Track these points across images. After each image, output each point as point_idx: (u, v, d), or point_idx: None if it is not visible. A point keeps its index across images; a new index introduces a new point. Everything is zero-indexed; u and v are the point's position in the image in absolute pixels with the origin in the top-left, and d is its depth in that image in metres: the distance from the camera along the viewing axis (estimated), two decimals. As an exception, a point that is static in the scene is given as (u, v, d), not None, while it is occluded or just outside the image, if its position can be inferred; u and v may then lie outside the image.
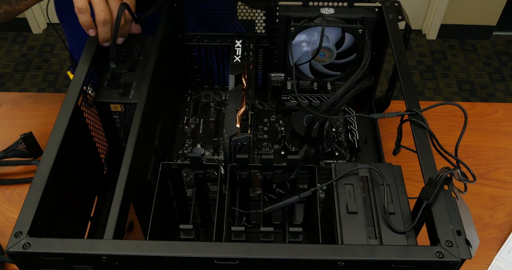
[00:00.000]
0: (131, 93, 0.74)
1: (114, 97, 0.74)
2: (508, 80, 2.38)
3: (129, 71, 0.77)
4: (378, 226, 0.57)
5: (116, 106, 0.74)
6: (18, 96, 1.07)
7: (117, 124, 0.77)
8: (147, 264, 0.53)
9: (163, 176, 0.69)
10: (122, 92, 0.74)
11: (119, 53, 0.79)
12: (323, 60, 0.90)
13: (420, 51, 2.52)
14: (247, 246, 0.51)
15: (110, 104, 0.74)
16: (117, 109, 0.74)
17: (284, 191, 0.71)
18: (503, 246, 0.83)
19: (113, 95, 0.74)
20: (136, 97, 0.73)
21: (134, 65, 0.78)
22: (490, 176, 0.93)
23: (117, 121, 0.76)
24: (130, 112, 0.74)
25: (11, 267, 0.80)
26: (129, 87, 0.75)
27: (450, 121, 1.01)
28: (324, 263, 0.52)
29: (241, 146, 0.69)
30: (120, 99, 0.73)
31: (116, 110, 0.74)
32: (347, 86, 0.73)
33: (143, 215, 0.70)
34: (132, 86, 0.75)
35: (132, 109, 0.74)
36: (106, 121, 0.77)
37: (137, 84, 0.75)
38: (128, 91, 0.74)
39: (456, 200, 0.57)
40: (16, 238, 0.52)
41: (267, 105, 0.97)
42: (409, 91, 0.70)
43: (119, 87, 0.75)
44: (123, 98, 0.73)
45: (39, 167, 0.59)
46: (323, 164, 0.88)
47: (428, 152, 0.62)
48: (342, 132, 0.93)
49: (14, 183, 0.91)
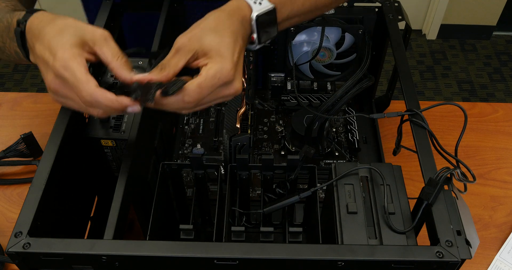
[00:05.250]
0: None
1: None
2: (508, 80, 2.38)
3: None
4: (378, 226, 0.57)
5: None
6: (18, 96, 1.07)
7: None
8: (147, 264, 0.53)
9: (163, 176, 0.69)
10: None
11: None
12: (323, 60, 0.90)
13: (420, 51, 2.52)
14: (247, 246, 0.51)
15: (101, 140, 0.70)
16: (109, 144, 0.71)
17: (284, 191, 0.71)
18: (503, 246, 0.83)
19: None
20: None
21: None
22: (490, 176, 0.93)
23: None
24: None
25: (11, 267, 0.80)
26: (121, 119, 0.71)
27: (450, 121, 1.01)
28: (324, 263, 0.52)
29: (241, 146, 0.69)
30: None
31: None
32: (347, 86, 0.73)
33: (143, 215, 0.70)
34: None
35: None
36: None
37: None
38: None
39: (456, 200, 0.57)
40: (16, 238, 0.52)
41: (267, 105, 0.97)
42: (409, 91, 0.70)
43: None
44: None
45: (39, 167, 0.58)
46: (323, 164, 0.88)
47: (428, 152, 0.62)
48: (342, 132, 0.93)
49: (14, 183, 0.91)
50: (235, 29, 0.57)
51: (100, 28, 0.55)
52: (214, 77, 0.53)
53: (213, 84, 0.53)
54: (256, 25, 0.59)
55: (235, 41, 0.56)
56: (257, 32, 0.60)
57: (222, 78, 0.53)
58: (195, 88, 0.52)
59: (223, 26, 0.56)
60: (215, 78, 0.53)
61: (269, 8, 0.60)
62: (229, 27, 0.56)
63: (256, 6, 0.59)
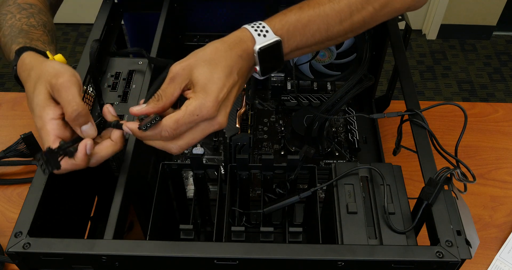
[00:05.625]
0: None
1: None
2: (508, 80, 2.38)
3: (121, 102, 0.70)
4: (378, 226, 0.57)
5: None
6: (18, 96, 1.07)
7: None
8: (147, 264, 0.53)
9: (163, 176, 0.69)
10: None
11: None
12: (323, 60, 0.90)
13: (420, 51, 2.52)
14: (247, 246, 0.51)
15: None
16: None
17: (284, 191, 0.71)
18: (503, 246, 0.83)
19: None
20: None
21: (126, 96, 0.71)
22: (490, 176, 0.93)
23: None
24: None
25: (11, 267, 0.80)
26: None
27: (450, 121, 1.01)
28: (324, 263, 0.52)
29: (241, 146, 0.69)
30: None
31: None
32: (347, 86, 0.73)
33: (143, 215, 0.70)
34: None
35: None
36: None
37: (128, 117, 0.69)
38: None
39: (456, 200, 0.57)
40: (16, 238, 0.52)
41: (267, 105, 0.97)
42: (409, 91, 0.70)
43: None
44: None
45: (39, 167, 0.58)
46: (323, 164, 0.88)
47: (428, 152, 0.62)
48: (342, 132, 0.93)
49: (14, 183, 0.91)
50: (231, 63, 0.55)
51: (60, 75, 0.54)
52: (192, 114, 0.52)
53: (191, 120, 0.52)
54: (258, 58, 0.58)
55: (227, 76, 0.54)
56: (260, 65, 0.58)
57: (201, 114, 0.52)
58: (172, 123, 0.52)
59: (219, 59, 0.55)
60: (193, 115, 0.52)
61: (274, 41, 0.57)
62: (225, 60, 0.55)
63: (260, 39, 0.57)
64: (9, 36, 0.68)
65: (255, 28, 0.57)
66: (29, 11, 0.73)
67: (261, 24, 0.58)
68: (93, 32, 0.78)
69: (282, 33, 0.58)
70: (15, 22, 0.71)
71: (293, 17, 0.59)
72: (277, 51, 0.59)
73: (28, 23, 0.71)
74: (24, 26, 0.70)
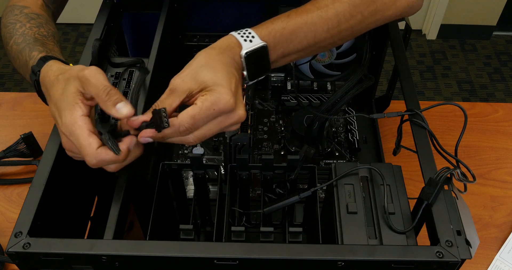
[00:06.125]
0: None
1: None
2: (508, 80, 2.38)
3: None
4: (378, 226, 0.57)
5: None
6: (18, 96, 1.07)
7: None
8: (147, 264, 0.53)
9: (163, 176, 0.69)
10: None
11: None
12: (323, 60, 0.90)
13: (420, 51, 2.52)
14: (247, 246, 0.51)
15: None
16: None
17: (284, 191, 0.71)
18: (503, 246, 0.83)
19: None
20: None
21: (126, 96, 0.68)
22: (490, 176, 0.93)
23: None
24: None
25: (11, 267, 0.80)
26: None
27: (450, 121, 1.01)
28: (324, 263, 0.52)
29: (241, 146, 0.69)
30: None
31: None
32: (347, 86, 0.73)
33: (143, 215, 0.70)
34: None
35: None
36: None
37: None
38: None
39: (456, 200, 0.57)
40: (16, 238, 0.52)
41: (267, 105, 0.97)
42: (409, 91, 0.70)
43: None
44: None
45: (39, 167, 0.58)
46: (323, 164, 0.88)
47: (428, 152, 0.62)
48: (342, 132, 0.93)
49: (14, 183, 0.91)
50: (226, 62, 0.56)
51: (86, 68, 0.55)
52: (208, 108, 0.53)
53: (208, 115, 0.53)
54: (245, 62, 0.58)
55: (229, 72, 0.56)
56: (247, 69, 0.59)
57: (219, 108, 0.53)
58: (189, 118, 0.53)
59: (214, 62, 0.56)
60: (209, 110, 0.53)
61: (259, 46, 0.59)
62: (220, 61, 0.56)
63: (246, 44, 0.58)
64: (24, 43, 0.68)
65: (241, 35, 0.59)
66: (37, 21, 0.73)
67: (247, 31, 0.59)
68: (93, 32, 0.78)
69: (268, 39, 0.59)
70: (26, 30, 0.71)
71: (280, 24, 0.60)
72: (264, 56, 0.60)
73: (39, 33, 0.71)
74: (37, 36, 0.70)
